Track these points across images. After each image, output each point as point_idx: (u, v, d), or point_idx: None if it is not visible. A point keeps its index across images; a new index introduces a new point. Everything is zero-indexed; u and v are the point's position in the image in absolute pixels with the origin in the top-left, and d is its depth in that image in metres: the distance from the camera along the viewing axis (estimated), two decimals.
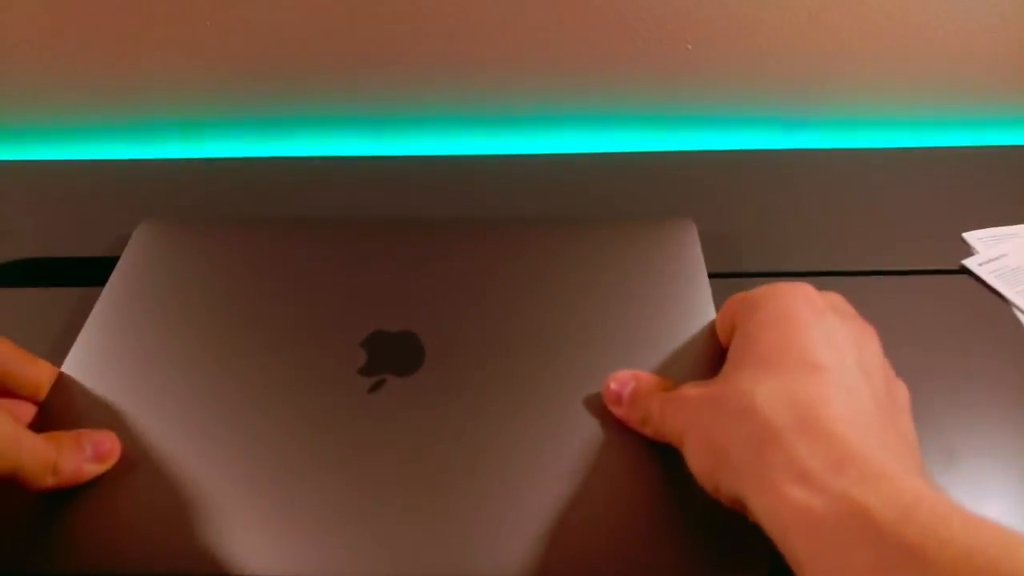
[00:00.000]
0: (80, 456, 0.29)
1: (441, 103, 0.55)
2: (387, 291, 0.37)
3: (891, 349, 0.37)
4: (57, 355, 0.38)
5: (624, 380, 0.31)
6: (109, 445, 0.30)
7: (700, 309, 0.36)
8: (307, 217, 0.45)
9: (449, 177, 0.50)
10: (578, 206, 0.48)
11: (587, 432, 0.31)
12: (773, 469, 0.22)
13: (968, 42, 0.50)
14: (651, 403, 0.29)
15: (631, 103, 0.55)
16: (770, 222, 0.46)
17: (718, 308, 0.36)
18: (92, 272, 0.40)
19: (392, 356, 0.34)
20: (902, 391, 0.28)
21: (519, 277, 0.38)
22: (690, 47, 0.51)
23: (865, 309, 0.40)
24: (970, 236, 0.44)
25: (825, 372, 0.24)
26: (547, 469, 0.30)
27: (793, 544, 0.21)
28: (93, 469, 0.30)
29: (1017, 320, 0.39)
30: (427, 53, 0.52)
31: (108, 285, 0.38)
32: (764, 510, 0.23)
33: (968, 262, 0.42)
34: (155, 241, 0.40)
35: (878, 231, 0.45)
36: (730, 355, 0.28)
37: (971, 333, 0.39)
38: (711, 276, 0.38)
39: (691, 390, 0.28)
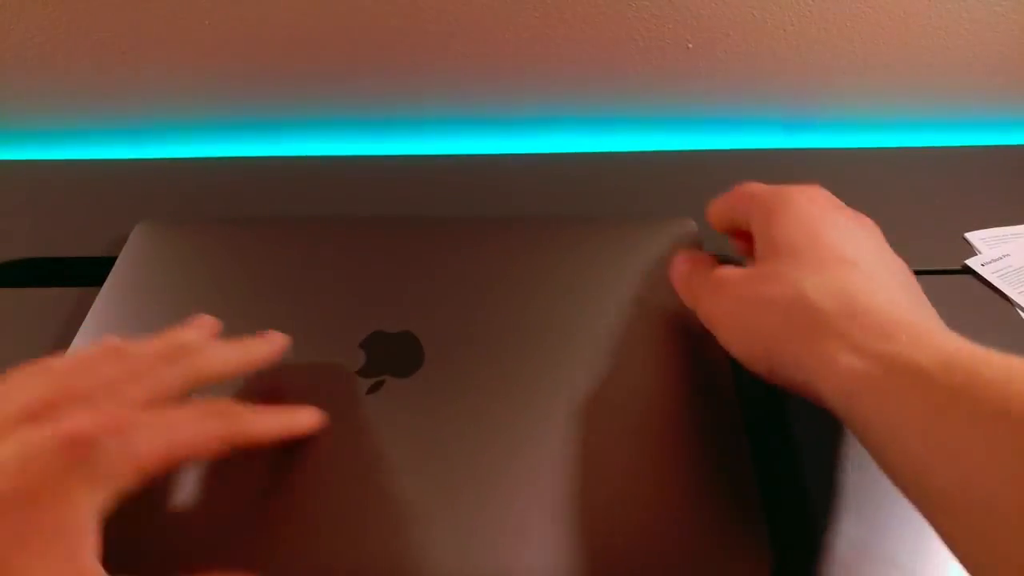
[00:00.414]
0: None
1: (441, 103, 0.55)
2: (386, 291, 0.37)
3: None
4: (54, 354, 0.39)
5: (681, 260, 0.34)
6: None
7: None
8: (305, 217, 0.45)
9: (449, 177, 0.50)
10: (578, 206, 0.48)
11: (587, 430, 0.31)
12: (830, 349, 0.25)
13: (970, 41, 0.50)
14: (700, 285, 0.32)
15: (631, 103, 0.54)
16: None
17: None
18: (91, 272, 0.40)
19: (391, 357, 0.34)
20: (906, 266, 0.31)
21: (519, 276, 0.38)
22: (690, 47, 0.51)
23: None
24: (973, 236, 0.44)
25: (856, 266, 0.28)
26: (548, 467, 0.30)
27: (856, 408, 0.24)
28: None
29: (1020, 320, 0.39)
30: (427, 53, 0.52)
31: (105, 285, 0.38)
32: (827, 385, 0.25)
33: (971, 262, 0.42)
34: (152, 241, 0.40)
35: (880, 230, 0.45)
36: (760, 255, 0.30)
37: (974, 334, 0.38)
38: None
39: (732, 279, 0.30)
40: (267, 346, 0.31)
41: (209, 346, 0.30)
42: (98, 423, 0.23)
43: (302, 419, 0.30)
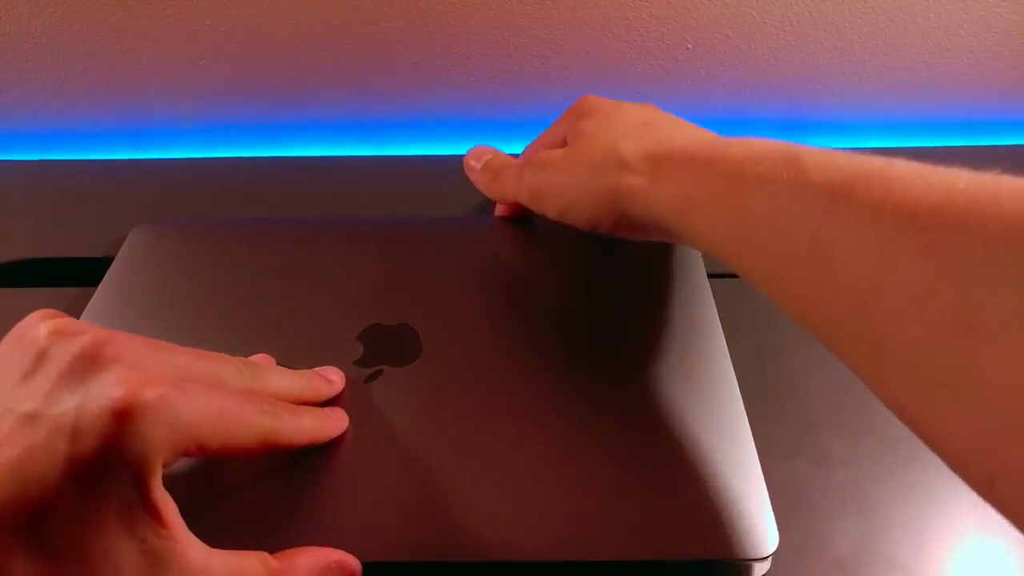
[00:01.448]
0: None
1: (440, 104, 0.55)
2: (384, 287, 0.37)
3: None
4: None
5: (480, 152, 0.41)
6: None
7: (697, 296, 0.37)
8: (302, 218, 0.45)
9: (449, 178, 0.50)
10: None
11: (584, 418, 0.31)
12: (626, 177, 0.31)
13: (970, 42, 0.50)
14: (509, 170, 0.39)
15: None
16: None
17: (718, 305, 0.37)
18: (91, 272, 0.40)
19: (389, 348, 0.34)
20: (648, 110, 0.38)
21: (515, 272, 0.39)
22: (690, 47, 0.51)
23: None
24: None
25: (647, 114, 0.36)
26: (542, 455, 0.30)
27: (683, 216, 0.29)
28: None
29: None
30: (427, 54, 0.52)
31: (101, 286, 0.38)
32: (659, 208, 0.30)
33: None
34: (149, 242, 0.40)
35: None
36: (569, 140, 0.36)
37: None
38: (711, 276, 0.38)
39: (554, 153, 0.36)
40: (328, 388, 0.31)
41: (274, 369, 0.30)
42: (148, 381, 0.22)
43: (332, 427, 0.30)
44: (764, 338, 0.38)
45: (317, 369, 0.32)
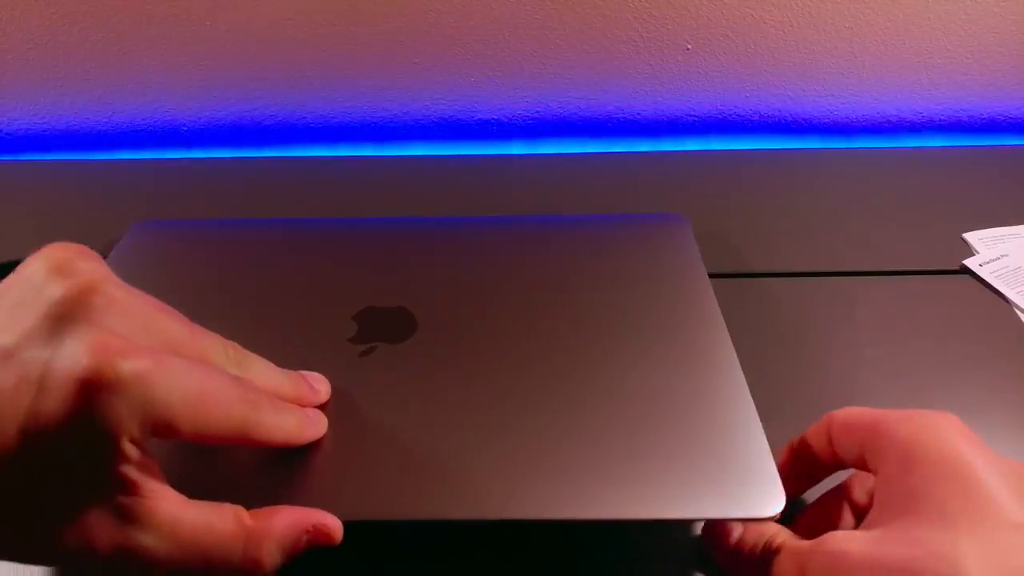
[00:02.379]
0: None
1: (440, 105, 0.55)
2: (382, 278, 0.37)
3: (891, 350, 0.37)
4: None
5: (732, 528, 0.28)
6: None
7: (698, 296, 0.36)
8: (298, 218, 0.45)
9: (449, 177, 0.50)
10: (577, 207, 0.48)
11: (583, 389, 0.31)
12: None
13: (968, 42, 0.50)
14: (782, 562, 0.25)
15: (631, 103, 0.55)
16: (771, 223, 0.46)
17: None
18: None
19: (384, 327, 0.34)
20: None
21: (512, 271, 0.38)
22: (689, 48, 0.51)
23: (865, 309, 0.40)
24: (971, 236, 0.44)
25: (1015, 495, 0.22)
26: (544, 416, 0.29)
27: None
28: None
29: (1018, 320, 0.39)
30: (427, 54, 0.52)
31: None
32: None
33: (969, 262, 0.42)
34: (142, 241, 0.40)
35: (878, 231, 0.45)
36: (882, 504, 0.24)
37: (972, 333, 0.39)
38: (712, 276, 0.38)
39: (853, 551, 0.23)
40: (312, 395, 0.29)
41: (262, 361, 0.28)
42: (126, 352, 0.21)
43: (311, 431, 0.28)
44: (765, 338, 0.38)
45: (304, 373, 0.30)
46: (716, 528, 0.28)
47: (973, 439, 0.24)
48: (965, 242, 0.44)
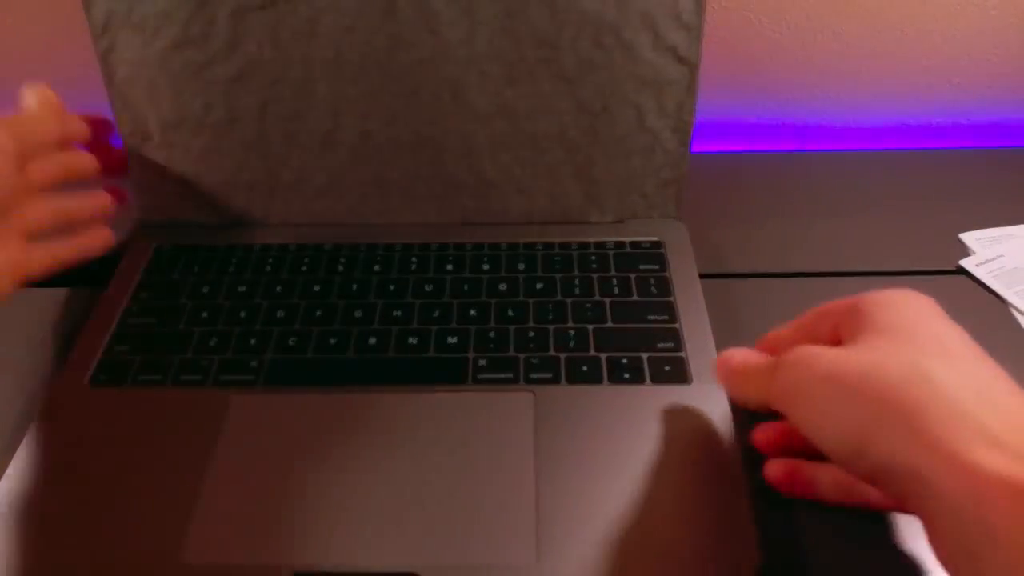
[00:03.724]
0: None
1: None
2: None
3: None
4: (56, 354, 0.39)
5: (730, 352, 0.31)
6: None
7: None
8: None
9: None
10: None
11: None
12: (958, 438, 0.22)
13: (967, 44, 0.50)
14: (761, 374, 0.28)
15: None
16: (768, 223, 0.46)
17: (708, 306, 0.37)
18: (91, 272, 0.40)
19: None
20: None
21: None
22: None
23: None
24: (967, 237, 0.44)
25: (985, 360, 0.25)
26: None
27: (987, 513, 0.21)
28: None
29: (1014, 320, 0.39)
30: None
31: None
32: (947, 479, 0.21)
33: (965, 263, 0.42)
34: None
35: (875, 232, 0.45)
36: (859, 335, 0.26)
37: (969, 334, 0.38)
38: (712, 276, 0.38)
39: (825, 352, 0.26)
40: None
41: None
42: None
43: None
44: (757, 337, 0.38)
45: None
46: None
47: (930, 302, 0.27)
48: (961, 242, 0.44)
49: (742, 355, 0.30)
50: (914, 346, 0.24)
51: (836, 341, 0.27)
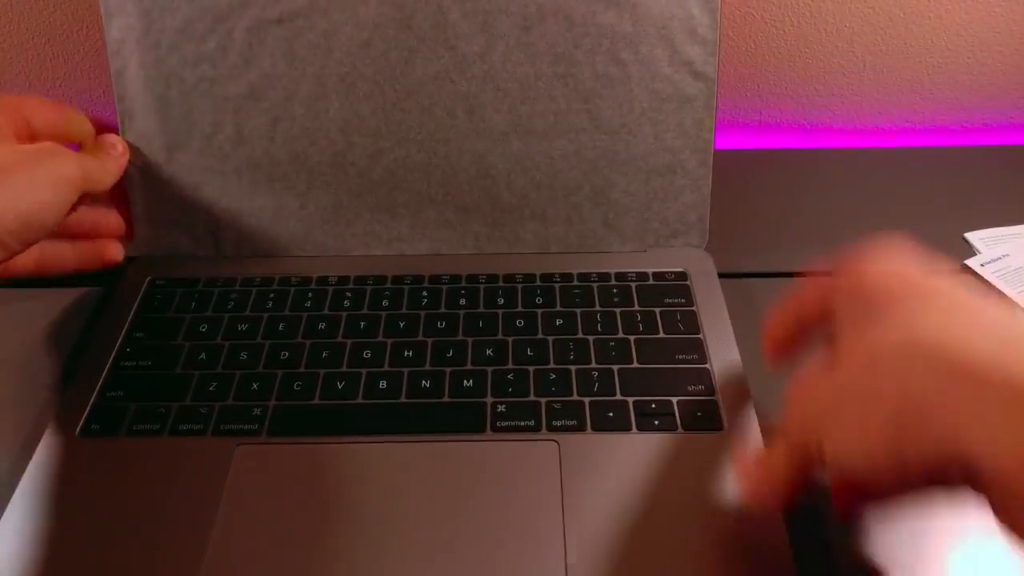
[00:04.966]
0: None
1: None
2: None
3: None
4: (57, 354, 0.38)
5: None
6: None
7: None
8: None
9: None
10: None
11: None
12: (1011, 406, 0.19)
13: (970, 42, 0.51)
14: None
15: None
16: (770, 222, 0.46)
17: (730, 305, 0.37)
18: (90, 272, 0.40)
19: None
20: None
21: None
22: None
23: None
24: (972, 236, 0.45)
25: (988, 309, 0.22)
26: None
27: None
28: None
29: None
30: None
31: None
32: (1004, 457, 0.19)
33: (970, 262, 0.43)
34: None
35: (879, 231, 0.45)
36: (850, 323, 0.25)
37: None
38: (719, 276, 0.39)
39: (821, 367, 0.25)
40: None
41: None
42: None
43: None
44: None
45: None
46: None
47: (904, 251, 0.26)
48: (967, 242, 0.44)
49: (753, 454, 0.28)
50: (917, 307, 0.23)
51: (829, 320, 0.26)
